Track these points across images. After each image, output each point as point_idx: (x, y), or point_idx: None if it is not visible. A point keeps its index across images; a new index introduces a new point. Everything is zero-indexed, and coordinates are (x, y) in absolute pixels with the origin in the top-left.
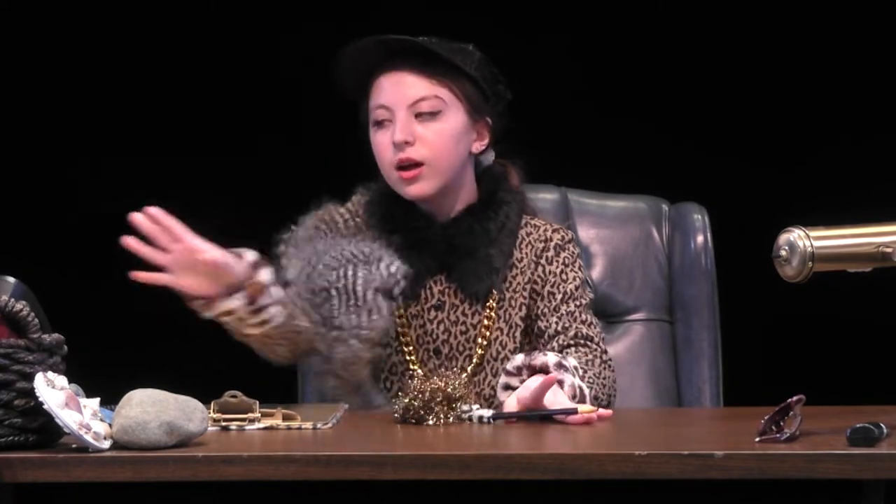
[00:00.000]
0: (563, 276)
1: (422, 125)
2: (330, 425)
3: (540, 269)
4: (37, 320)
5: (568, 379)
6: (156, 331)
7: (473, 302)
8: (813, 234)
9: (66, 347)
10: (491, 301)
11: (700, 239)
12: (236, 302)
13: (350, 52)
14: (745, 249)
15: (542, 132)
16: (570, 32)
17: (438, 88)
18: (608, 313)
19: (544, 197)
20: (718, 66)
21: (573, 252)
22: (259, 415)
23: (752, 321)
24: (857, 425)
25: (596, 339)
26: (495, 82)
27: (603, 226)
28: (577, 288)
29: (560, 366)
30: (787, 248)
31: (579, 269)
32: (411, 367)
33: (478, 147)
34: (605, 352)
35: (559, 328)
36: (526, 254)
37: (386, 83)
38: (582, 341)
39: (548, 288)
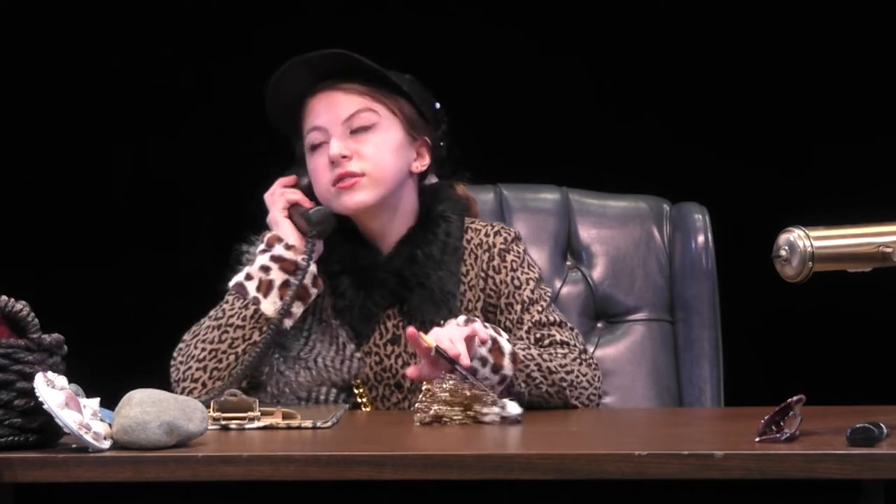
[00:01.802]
0: (516, 283)
1: (357, 141)
2: (330, 425)
3: (490, 281)
4: (36, 320)
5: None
6: (156, 331)
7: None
8: (813, 234)
9: (66, 347)
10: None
11: (701, 239)
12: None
13: (275, 81)
14: (746, 249)
15: (543, 132)
16: (572, 32)
17: (372, 103)
18: (609, 313)
19: (545, 197)
20: (719, 66)
21: (519, 251)
22: (259, 414)
23: (752, 321)
24: (857, 425)
25: (572, 343)
26: (430, 104)
27: (604, 226)
28: (533, 291)
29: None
30: (787, 248)
31: (529, 267)
32: (363, 407)
33: (418, 167)
34: (585, 350)
35: (532, 341)
36: (471, 265)
37: (317, 105)
38: (558, 346)
39: (504, 299)
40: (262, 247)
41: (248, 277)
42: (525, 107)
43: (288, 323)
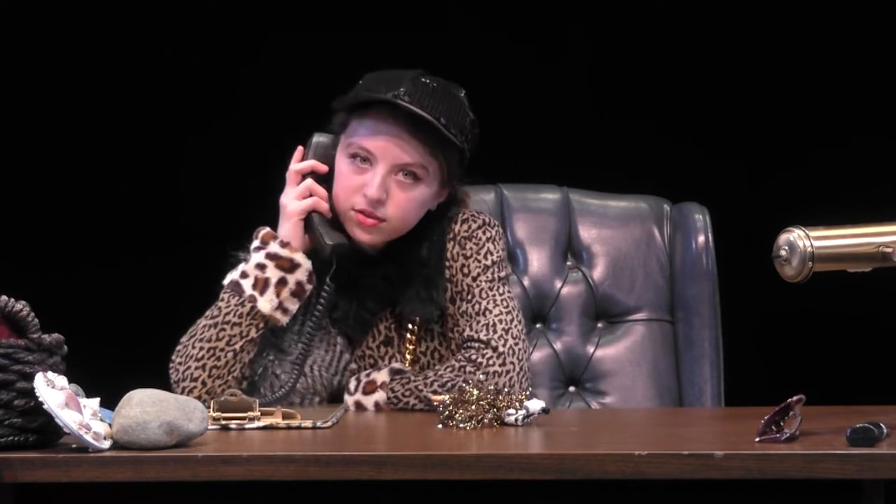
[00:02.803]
0: (465, 271)
1: (397, 186)
2: (330, 424)
3: (451, 270)
4: (36, 320)
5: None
6: (156, 331)
7: (420, 330)
8: (813, 234)
9: (66, 347)
10: (428, 324)
11: (701, 239)
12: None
13: (371, 83)
14: (747, 249)
15: (544, 133)
16: (573, 33)
17: (429, 159)
18: (609, 313)
19: (546, 197)
20: (720, 66)
21: (480, 239)
22: (259, 413)
23: (753, 321)
24: (857, 425)
25: (482, 336)
26: (475, 144)
27: (604, 226)
28: (476, 278)
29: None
30: (787, 248)
31: (486, 255)
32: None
33: (434, 205)
34: (497, 350)
35: (459, 332)
36: (448, 258)
37: (381, 132)
38: (471, 343)
39: (455, 288)
40: (256, 243)
41: (244, 275)
42: (526, 107)
43: (284, 319)
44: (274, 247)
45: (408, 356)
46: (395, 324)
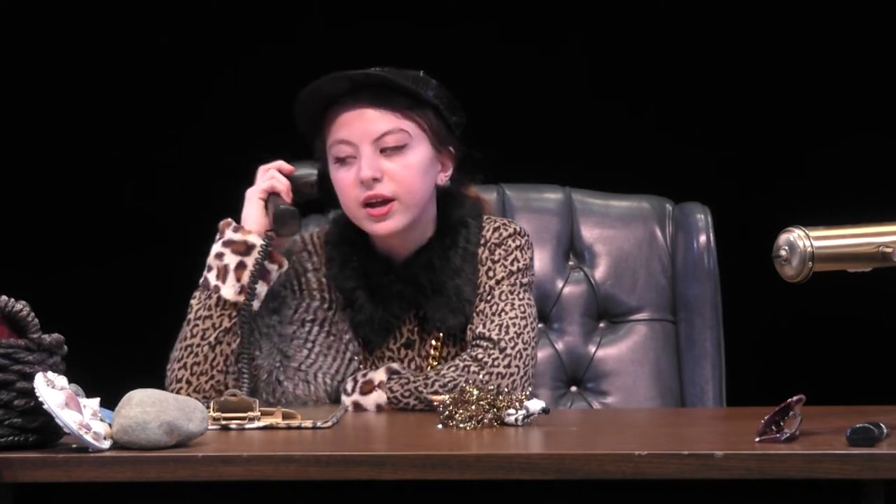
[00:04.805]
0: (490, 273)
1: (388, 160)
2: (330, 425)
3: (479, 273)
4: (36, 320)
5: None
6: (156, 331)
7: (445, 335)
8: (813, 234)
9: (66, 347)
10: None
11: (703, 239)
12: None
13: (308, 90)
14: (749, 249)
15: (546, 132)
16: (574, 33)
17: (403, 121)
18: (611, 313)
19: (548, 197)
20: (722, 66)
21: (509, 246)
22: (259, 414)
23: (754, 321)
24: (857, 425)
25: (494, 338)
26: (454, 108)
27: (606, 225)
28: (500, 281)
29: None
30: (787, 248)
31: (513, 261)
32: None
33: (442, 178)
34: (504, 352)
35: (472, 330)
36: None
37: (347, 118)
38: (480, 342)
39: (477, 290)
40: (217, 236)
41: (209, 268)
42: (528, 107)
43: (255, 304)
44: (229, 233)
45: (432, 361)
46: (417, 327)
